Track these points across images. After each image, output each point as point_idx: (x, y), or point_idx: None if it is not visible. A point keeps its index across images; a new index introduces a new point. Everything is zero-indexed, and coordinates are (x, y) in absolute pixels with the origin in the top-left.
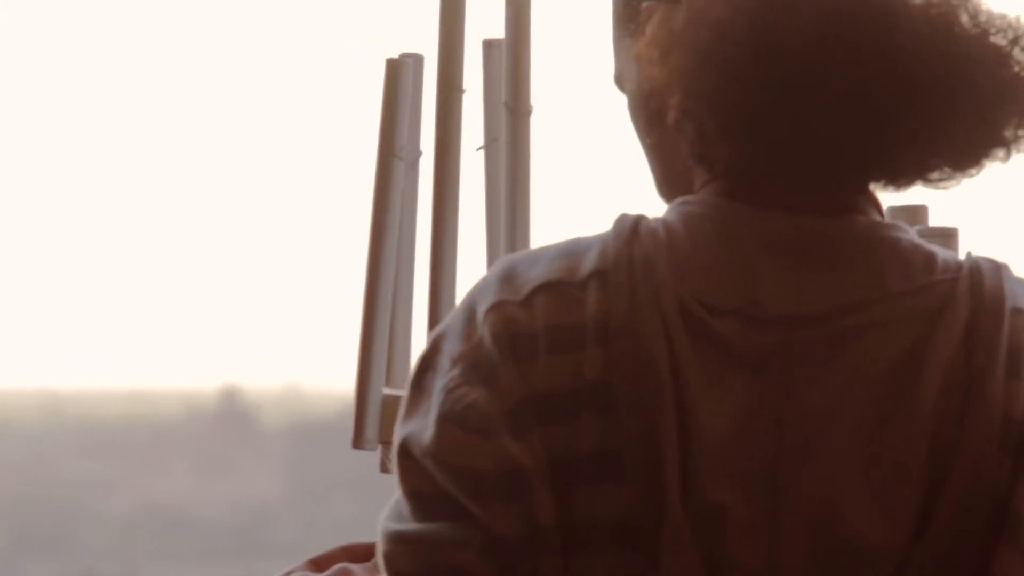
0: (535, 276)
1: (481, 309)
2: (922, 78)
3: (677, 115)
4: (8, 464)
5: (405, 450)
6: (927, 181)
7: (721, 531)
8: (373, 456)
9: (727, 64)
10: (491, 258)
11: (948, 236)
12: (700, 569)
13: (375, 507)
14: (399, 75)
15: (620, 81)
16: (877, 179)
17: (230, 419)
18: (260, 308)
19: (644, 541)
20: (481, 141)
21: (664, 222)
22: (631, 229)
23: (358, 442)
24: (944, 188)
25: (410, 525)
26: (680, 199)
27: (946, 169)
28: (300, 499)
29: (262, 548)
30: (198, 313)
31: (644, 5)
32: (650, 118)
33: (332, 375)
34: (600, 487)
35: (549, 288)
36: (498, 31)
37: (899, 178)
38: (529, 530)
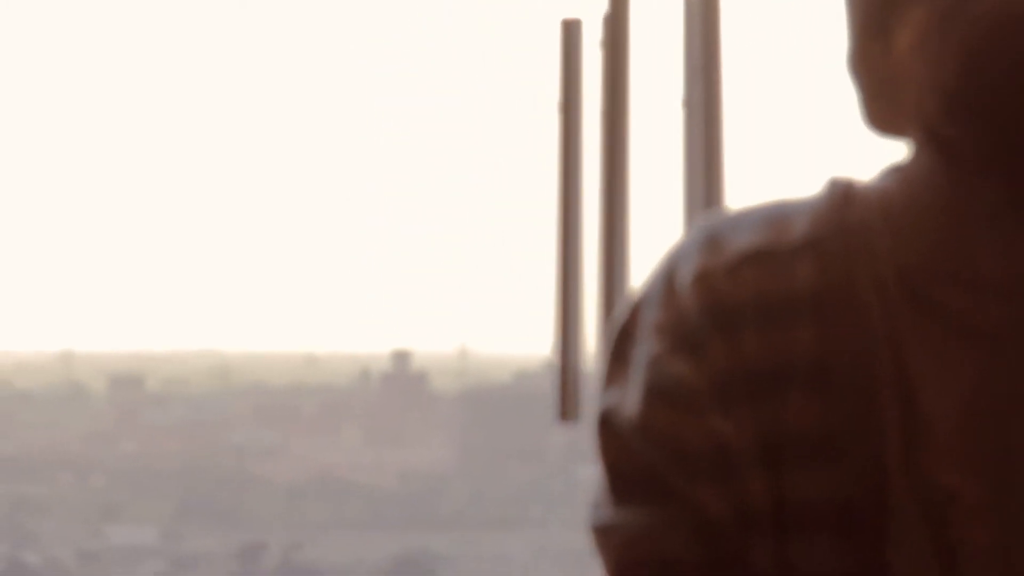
0: (741, 243)
1: (683, 277)
2: None
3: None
4: (175, 429)
5: (606, 422)
6: None
7: (950, 515)
8: (546, 425)
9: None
10: (689, 216)
11: None
12: (931, 555)
13: (548, 478)
14: (574, 36)
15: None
16: None
17: (401, 385)
18: (431, 273)
19: (865, 526)
20: (674, 101)
21: (879, 188)
22: (844, 194)
23: (565, 414)
24: None
25: (611, 514)
26: (895, 165)
27: None
28: (471, 468)
29: (432, 519)
30: (369, 278)
31: None
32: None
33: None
34: (815, 469)
35: (758, 256)
36: None
37: None
38: (740, 514)
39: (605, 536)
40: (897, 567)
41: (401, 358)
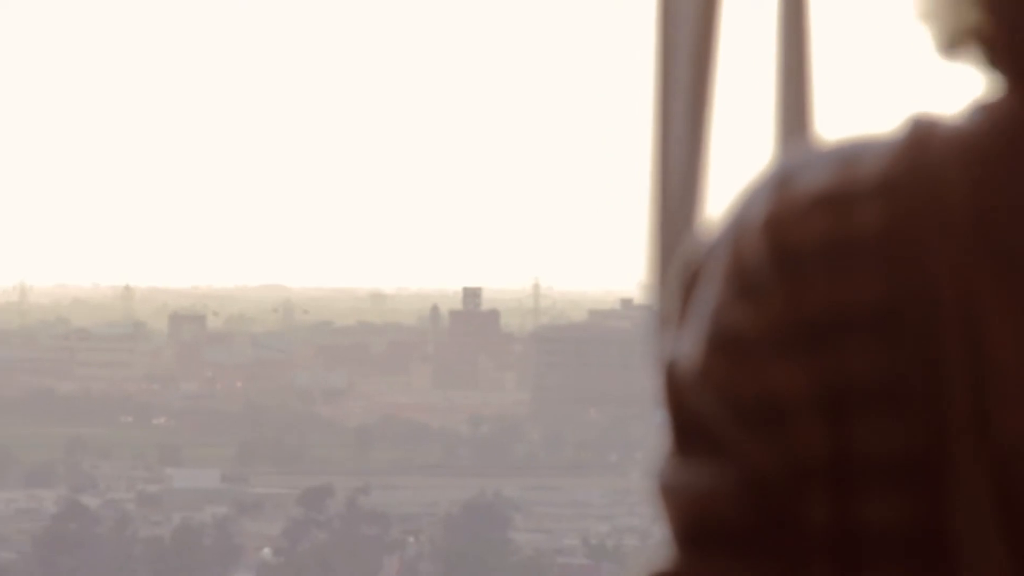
0: (810, 185)
1: (752, 220)
2: None
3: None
4: (238, 368)
5: (668, 372)
6: None
7: (1015, 471)
8: (624, 366)
9: None
10: (779, 146)
11: None
12: (995, 510)
13: (626, 422)
14: None
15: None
16: None
17: (472, 323)
18: (503, 207)
19: (927, 481)
20: (765, 26)
21: (962, 127)
22: (923, 134)
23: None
24: None
25: (668, 468)
26: (982, 101)
27: None
28: (545, 410)
29: (504, 463)
30: (439, 212)
31: None
32: None
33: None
34: (877, 421)
35: (826, 200)
36: None
37: None
38: (794, 468)
39: (661, 492)
40: (956, 523)
41: (472, 296)
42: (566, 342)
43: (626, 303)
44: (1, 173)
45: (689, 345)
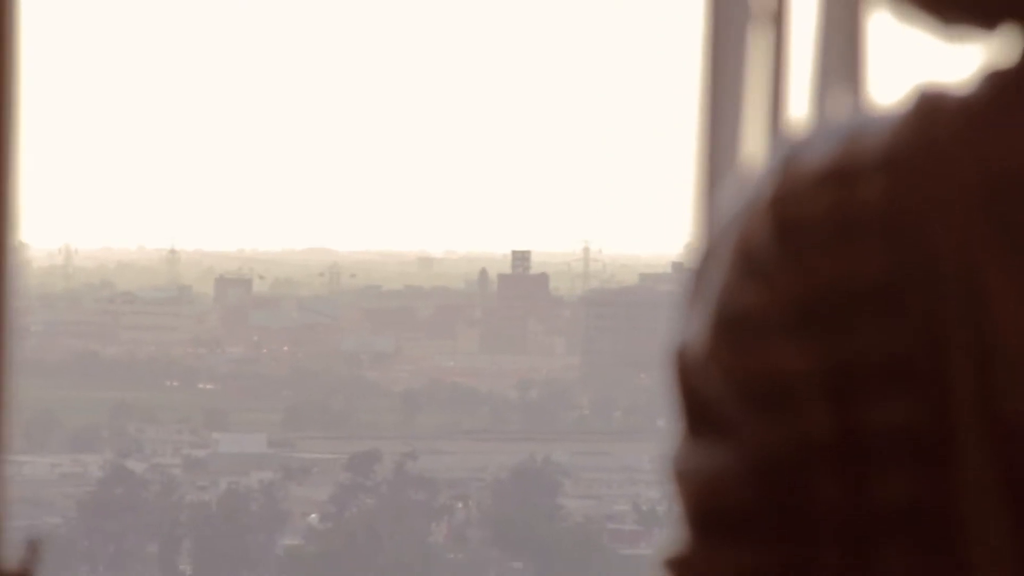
0: (816, 162)
1: (760, 199)
2: None
3: None
4: (284, 333)
5: (678, 353)
6: None
7: (1020, 447)
8: (675, 330)
9: None
10: (821, 105)
11: None
12: (1000, 485)
13: None
14: None
15: None
16: None
17: (521, 287)
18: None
19: (933, 457)
20: None
21: (970, 96)
22: (929, 105)
23: None
24: None
25: (679, 454)
26: (993, 67)
27: None
28: (595, 375)
29: (553, 428)
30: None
31: None
32: None
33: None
34: (882, 398)
35: (830, 176)
36: None
37: None
38: (801, 447)
39: (674, 477)
40: (961, 498)
41: (520, 259)
42: (616, 306)
43: (677, 267)
44: (45, 135)
45: (697, 327)
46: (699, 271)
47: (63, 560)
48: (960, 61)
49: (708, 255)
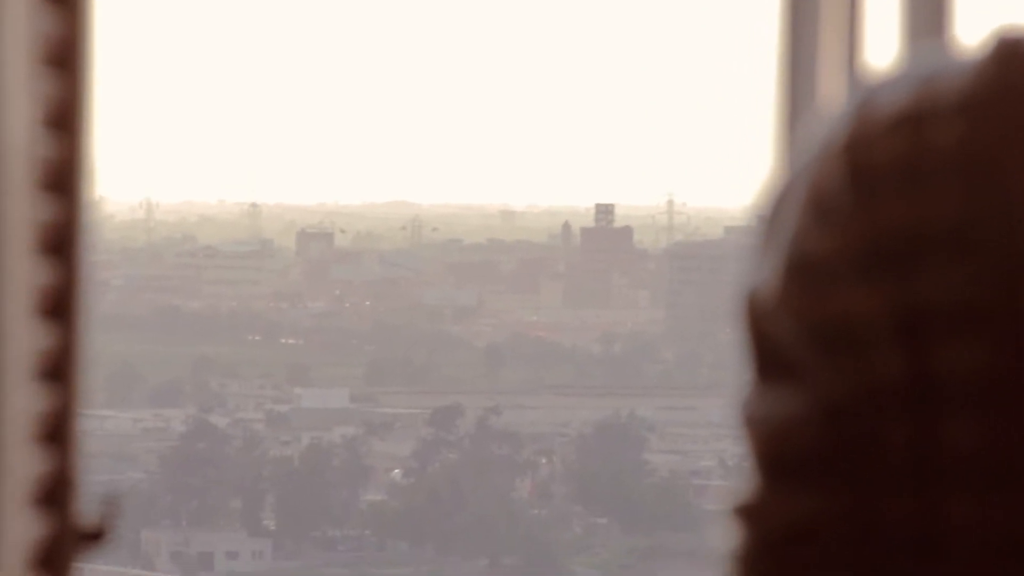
0: (890, 105)
1: (834, 144)
2: None
3: None
4: (366, 287)
5: (749, 298)
6: None
7: None
8: None
9: None
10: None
11: None
12: None
13: None
14: None
15: None
16: None
17: (604, 240)
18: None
19: (1009, 401)
20: None
21: None
22: (1008, 50)
23: None
24: None
25: (749, 401)
26: None
27: None
28: (680, 329)
29: (638, 383)
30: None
31: None
32: None
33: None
34: (955, 342)
35: (905, 119)
36: None
37: None
38: (872, 392)
39: (744, 423)
40: None
41: (604, 212)
42: (701, 259)
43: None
44: (127, 89)
45: (768, 272)
46: (771, 216)
47: (146, 515)
48: None
49: (780, 200)
